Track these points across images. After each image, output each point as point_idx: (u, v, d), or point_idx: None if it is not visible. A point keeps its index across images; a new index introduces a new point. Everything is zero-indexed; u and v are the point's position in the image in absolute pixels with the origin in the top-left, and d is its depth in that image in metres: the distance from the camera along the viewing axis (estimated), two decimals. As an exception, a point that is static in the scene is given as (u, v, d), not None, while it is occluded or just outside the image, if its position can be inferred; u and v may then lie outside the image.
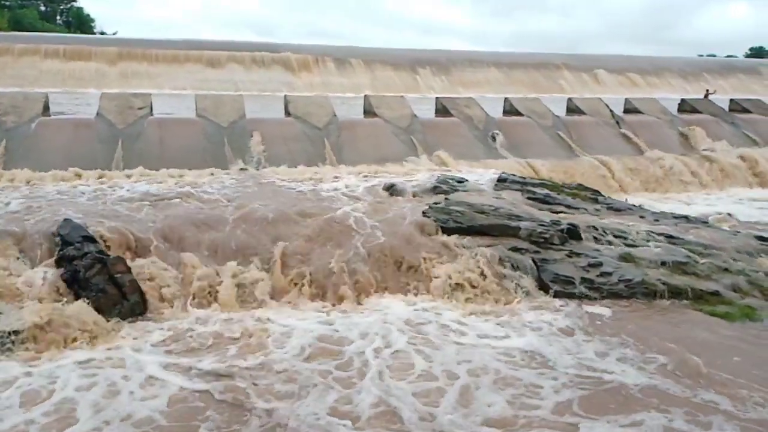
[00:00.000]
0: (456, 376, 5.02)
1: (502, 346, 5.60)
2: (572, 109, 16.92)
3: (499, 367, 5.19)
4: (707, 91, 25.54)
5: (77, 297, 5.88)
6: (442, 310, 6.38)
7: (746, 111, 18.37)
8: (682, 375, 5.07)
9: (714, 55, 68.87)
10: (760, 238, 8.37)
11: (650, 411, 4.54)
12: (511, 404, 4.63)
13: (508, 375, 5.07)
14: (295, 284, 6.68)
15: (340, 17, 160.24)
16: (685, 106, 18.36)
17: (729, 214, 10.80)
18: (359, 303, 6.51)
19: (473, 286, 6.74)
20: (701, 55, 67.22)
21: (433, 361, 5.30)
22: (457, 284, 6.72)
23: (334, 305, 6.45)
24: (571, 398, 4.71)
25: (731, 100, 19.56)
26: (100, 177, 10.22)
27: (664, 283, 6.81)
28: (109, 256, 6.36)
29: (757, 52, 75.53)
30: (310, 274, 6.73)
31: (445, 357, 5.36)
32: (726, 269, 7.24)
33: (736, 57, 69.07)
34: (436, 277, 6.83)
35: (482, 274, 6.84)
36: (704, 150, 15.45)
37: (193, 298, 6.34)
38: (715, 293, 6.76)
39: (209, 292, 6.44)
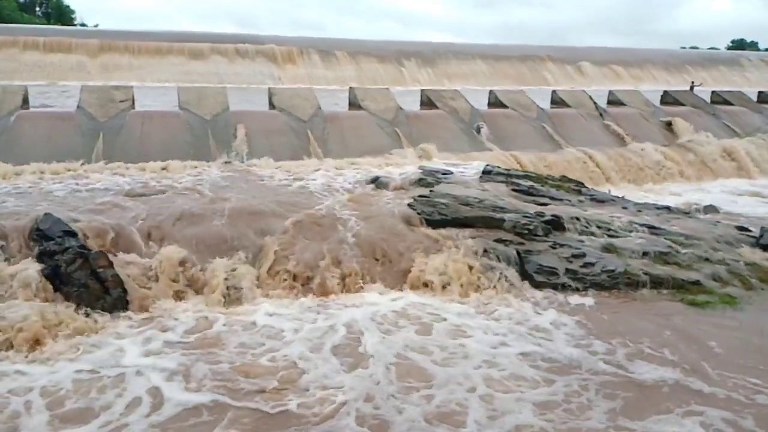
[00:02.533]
0: (440, 366, 5.04)
1: (486, 337, 5.63)
2: (556, 101, 17.01)
3: (484, 357, 5.22)
4: (692, 83, 25.78)
5: (59, 292, 5.81)
6: (428, 301, 6.40)
7: (728, 103, 18.60)
8: (666, 364, 5.13)
9: (696, 48, 69.57)
10: (740, 228, 8.49)
11: (635, 400, 4.61)
12: (499, 397, 4.65)
13: (491, 363, 5.10)
14: (281, 278, 6.65)
15: (320, 8, 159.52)
16: (667, 98, 18.55)
17: (710, 205, 10.94)
18: (343, 295, 6.50)
19: (458, 278, 6.75)
20: (684, 48, 67.93)
21: (416, 351, 5.31)
22: (441, 276, 6.73)
23: (319, 298, 6.44)
24: (555, 391, 4.74)
25: (713, 92, 19.79)
26: (81, 171, 10.07)
27: (646, 273, 6.89)
28: (90, 250, 6.29)
29: (738, 45, 76.42)
30: (296, 267, 6.71)
31: (430, 347, 5.38)
32: (707, 259, 7.34)
33: (718, 49, 69.82)
34: (421, 270, 6.84)
35: (467, 266, 6.86)
36: (686, 141, 15.63)
37: (177, 293, 6.29)
38: (696, 283, 6.85)
39: (193, 287, 6.40)
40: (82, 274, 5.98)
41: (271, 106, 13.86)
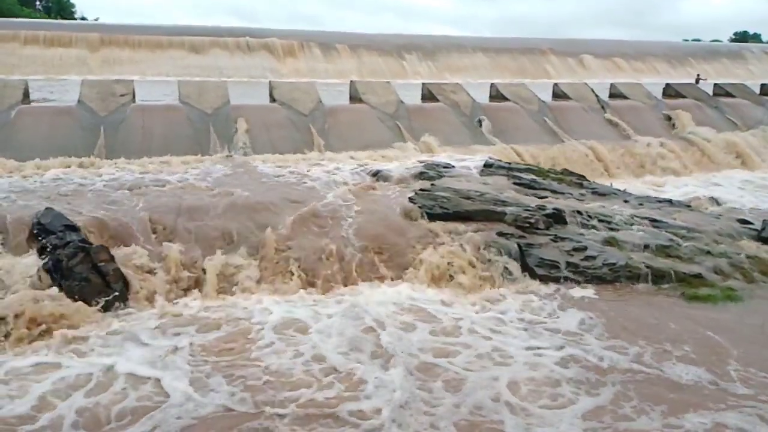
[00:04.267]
0: (441, 358, 5.05)
1: (488, 331, 5.63)
2: (558, 94, 16.94)
3: (486, 351, 5.22)
4: (698, 76, 25.67)
5: (60, 286, 5.81)
6: (429, 295, 6.40)
7: (730, 95, 18.51)
8: (669, 358, 5.12)
9: (699, 40, 69.23)
10: (742, 221, 8.47)
11: (634, 393, 4.61)
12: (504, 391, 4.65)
13: (494, 356, 5.10)
14: (282, 271, 6.65)
15: (319, 2, 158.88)
16: (669, 91, 18.45)
17: (712, 198, 10.91)
18: (345, 288, 6.51)
19: (459, 272, 6.76)
20: (686, 40, 67.57)
21: (419, 344, 5.30)
22: (442, 270, 6.73)
23: (320, 292, 6.44)
24: (559, 378, 4.76)
25: (715, 84, 19.69)
26: (82, 165, 10.06)
27: (647, 267, 6.88)
28: (91, 244, 6.29)
29: (741, 37, 75.99)
30: (297, 261, 6.71)
31: (431, 341, 5.37)
32: (708, 252, 7.33)
33: (720, 42, 69.48)
34: (422, 263, 6.84)
35: (468, 260, 6.86)
36: (688, 134, 15.57)
37: (178, 286, 6.31)
38: (698, 276, 6.84)
39: (194, 280, 6.40)
40: (83, 268, 5.98)
41: (272, 99, 13.82)
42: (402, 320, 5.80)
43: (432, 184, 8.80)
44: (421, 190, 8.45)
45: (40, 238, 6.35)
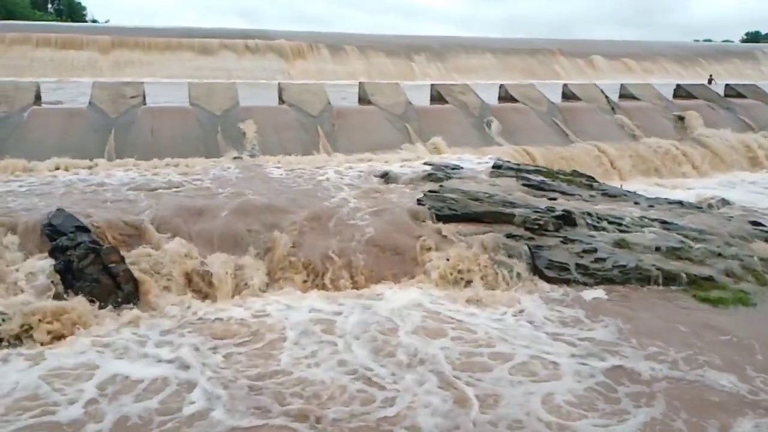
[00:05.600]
0: (449, 361, 5.03)
1: (498, 333, 5.60)
2: (567, 95, 16.89)
3: (497, 355, 5.20)
4: (710, 76, 25.49)
5: (71, 287, 5.85)
6: (438, 297, 6.38)
7: (741, 96, 18.37)
8: (682, 362, 5.06)
9: (710, 40, 68.71)
10: (754, 223, 8.39)
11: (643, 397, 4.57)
12: (518, 395, 4.61)
13: (505, 359, 5.08)
14: (290, 273, 6.66)
15: (324, 3, 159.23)
16: (680, 92, 18.35)
17: (723, 199, 10.81)
18: (355, 291, 6.50)
19: (468, 273, 6.73)
20: (697, 40, 67.10)
21: (444, 353, 5.21)
22: (451, 271, 6.72)
23: (329, 293, 6.45)
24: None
25: (726, 85, 19.56)
26: (93, 166, 10.14)
27: (658, 269, 6.83)
28: (102, 245, 6.33)
29: (753, 37, 75.34)
30: (305, 262, 6.72)
31: (442, 343, 5.34)
32: (720, 254, 7.26)
33: (732, 42, 68.93)
34: (431, 265, 6.83)
35: (477, 262, 6.84)
36: (699, 135, 15.46)
37: (188, 287, 6.32)
38: (709, 278, 6.78)
39: (204, 281, 6.42)
40: (94, 269, 6.02)
41: (281, 101, 13.88)
42: (423, 326, 5.69)
43: (440, 186, 8.79)
44: (429, 191, 8.44)
45: (51, 239, 6.40)
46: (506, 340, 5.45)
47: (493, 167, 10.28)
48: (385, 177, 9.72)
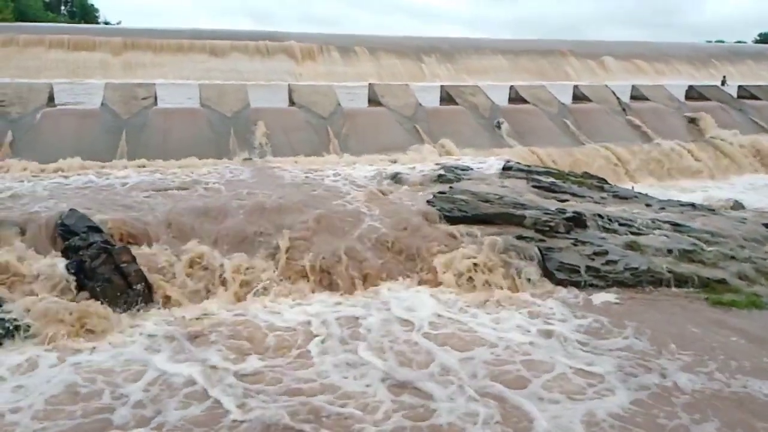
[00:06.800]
0: (461, 364, 5.01)
1: (507, 335, 5.58)
2: (578, 96, 16.81)
3: (506, 356, 5.18)
4: (724, 77, 25.29)
5: (83, 287, 5.90)
6: (449, 299, 6.37)
7: (755, 97, 18.20)
8: (694, 365, 5.00)
9: (722, 41, 68.10)
10: (768, 226, 8.30)
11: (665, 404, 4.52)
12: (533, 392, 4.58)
13: (515, 360, 5.06)
14: (301, 273, 6.67)
15: (335, 3, 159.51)
16: (692, 93, 18.21)
17: (736, 202, 10.71)
18: (363, 291, 6.50)
19: (478, 275, 6.71)
20: (710, 41, 66.51)
21: (441, 348, 5.24)
22: (462, 273, 6.70)
23: (339, 294, 6.45)
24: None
25: (740, 86, 19.39)
26: (105, 167, 10.22)
27: (670, 271, 6.77)
28: (114, 245, 6.38)
29: (766, 38, 74.60)
30: (316, 262, 6.72)
31: (453, 346, 5.33)
32: (733, 257, 7.19)
33: (745, 42, 68.30)
34: (441, 266, 6.81)
35: (487, 263, 6.82)
36: (712, 137, 15.33)
37: (198, 287, 6.35)
38: (722, 281, 6.72)
39: (214, 282, 6.45)
40: (106, 268, 6.06)
41: (291, 102, 13.93)
42: (439, 330, 5.63)
43: (450, 187, 8.78)
44: (439, 192, 8.43)
45: (63, 239, 6.46)
46: (528, 349, 5.27)
47: (503, 169, 10.25)
48: (395, 178, 9.72)
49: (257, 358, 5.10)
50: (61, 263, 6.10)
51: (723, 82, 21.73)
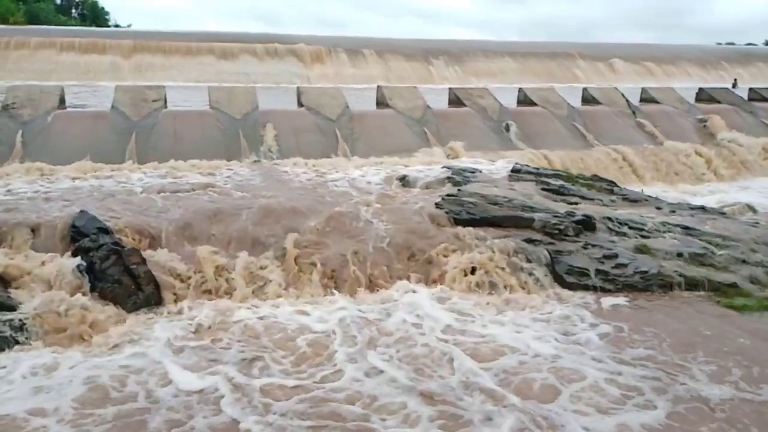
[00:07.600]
0: (468, 367, 4.99)
1: (517, 338, 5.55)
2: (587, 98, 16.77)
3: (515, 362, 5.15)
4: (735, 80, 25.15)
5: (93, 288, 5.93)
6: (456, 301, 6.34)
7: (766, 100, 18.07)
8: (721, 374, 4.90)
9: (733, 43, 67.64)
10: (780, 229, 8.23)
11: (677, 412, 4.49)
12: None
13: (523, 364, 5.03)
14: (308, 276, 6.67)
15: (343, 6, 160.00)
16: (703, 96, 18.11)
17: (747, 205, 10.63)
18: (372, 294, 6.50)
19: (487, 278, 6.69)
20: (720, 43, 66.10)
21: (461, 354, 5.15)
22: (470, 276, 6.68)
23: (347, 296, 6.45)
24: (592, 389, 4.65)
25: (750, 89, 19.25)
26: (115, 169, 10.30)
27: (680, 275, 6.72)
28: (124, 247, 6.42)
29: (777, 40, 74.02)
30: (323, 265, 6.73)
31: (473, 352, 5.26)
32: (744, 261, 7.13)
33: (755, 45, 67.82)
34: (449, 269, 6.80)
35: (496, 266, 6.79)
36: (722, 140, 15.22)
37: (207, 290, 6.37)
38: (733, 285, 6.65)
39: (223, 284, 6.46)
40: (115, 270, 6.09)
41: (300, 105, 13.98)
42: (452, 334, 5.55)
43: (459, 190, 8.76)
44: (447, 195, 8.41)
45: (74, 240, 6.50)
46: (553, 357, 5.16)
47: (512, 171, 10.22)
48: (403, 180, 9.72)
49: (270, 360, 5.09)
50: (71, 264, 6.14)
51: (734, 85, 21.59)
